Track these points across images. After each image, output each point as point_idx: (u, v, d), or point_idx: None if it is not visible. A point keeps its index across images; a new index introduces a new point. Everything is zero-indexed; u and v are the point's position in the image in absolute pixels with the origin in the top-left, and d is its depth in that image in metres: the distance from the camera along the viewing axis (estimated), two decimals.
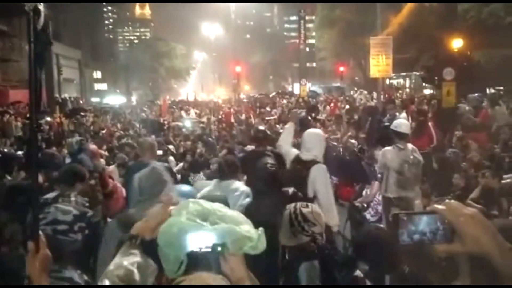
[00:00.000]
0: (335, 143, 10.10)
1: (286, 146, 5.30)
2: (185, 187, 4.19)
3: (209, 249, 1.36)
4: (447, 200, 1.18)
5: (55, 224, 2.43)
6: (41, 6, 1.60)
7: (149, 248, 1.48)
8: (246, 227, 1.43)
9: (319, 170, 4.73)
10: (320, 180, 4.68)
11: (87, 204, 3.42)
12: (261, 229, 1.45)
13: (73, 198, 3.41)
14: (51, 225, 2.42)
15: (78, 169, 4.45)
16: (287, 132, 5.53)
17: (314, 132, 5.24)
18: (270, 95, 39.65)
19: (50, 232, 2.36)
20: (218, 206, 1.47)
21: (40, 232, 1.86)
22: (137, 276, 1.45)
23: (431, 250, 1.15)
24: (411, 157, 6.09)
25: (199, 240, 1.36)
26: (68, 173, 4.36)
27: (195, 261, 1.37)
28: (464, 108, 11.35)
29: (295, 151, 5.15)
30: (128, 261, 1.45)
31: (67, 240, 2.43)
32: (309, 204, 3.49)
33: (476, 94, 12.84)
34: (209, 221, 1.39)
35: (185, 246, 1.36)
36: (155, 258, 1.47)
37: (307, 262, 3.22)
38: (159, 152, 7.63)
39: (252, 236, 1.41)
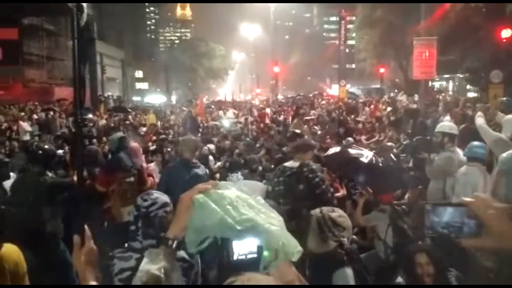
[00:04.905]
0: (373, 147, 9.85)
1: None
2: None
3: (255, 255, 1.32)
4: (475, 194, 1.13)
5: (165, 206, 2.60)
6: (84, 4, 1.61)
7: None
8: (287, 237, 1.39)
9: None
10: None
11: None
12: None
13: None
14: (163, 208, 2.59)
15: None
16: (483, 119, 6.28)
17: None
18: (310, 95, 39.52)
19: (164, 214, 2.54)
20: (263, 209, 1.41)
21: (86, 226, 1.87)
22: (163, 281, 1.43)
23: (458, 244, 1.11)
24: None
25: (242, 245, 1.33)
26: None
27: (238, 264, 1.33)
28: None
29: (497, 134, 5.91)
30: (155, 266, 1.44)
31: (171, 218, 2.60)
32: (334, 208, 3.41)
33: (505, 98, 12.27)
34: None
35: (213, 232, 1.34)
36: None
37: (339, 270, 3.12)
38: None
39: (293, 248, 1.38)
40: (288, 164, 5.11)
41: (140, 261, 1.47)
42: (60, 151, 6.96)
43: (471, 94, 29.08)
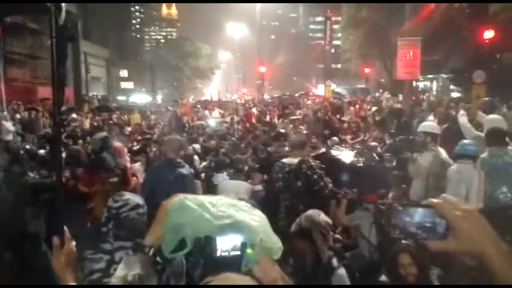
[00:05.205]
0: (358, 147, 9.90)
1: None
2: None
3: (238, 252, 1.31)
4: (443, 195, 1.13)
5: (137, 208, 2.59)
6: (62, 3, 1.60)
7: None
8: (266, 232, 1.37)
9: None
10: None
11: None
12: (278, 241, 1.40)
13: None
14: (135, 209, 2.58)
15: None
16: (466, 118, 7.20)
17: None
18: (296, 94, 39.67)
19: (136, 216, 2.52)
20: (238, 208, 1.40)
21: (66, 227, 1.87)
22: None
23: (426, 246, 1.10)
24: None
25: (224, 241, 1.32)
26: None
27: (221, 262, 1.32)
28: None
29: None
30: (131, 273, 1.41)
31: (144, 220, 2.62)
32: (314, 210, 3.48)
33: (487, 98, 12.41)
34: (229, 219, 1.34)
35: (195, 231, 1.32)
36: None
37: (334, 274, 3.15)
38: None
39: (273, 244, 1.37)
40: (286, 160, 5.15)
41: (111, 263, 1.44)
42: (42, 151, 6.87)
43: (454, 94, 29.41)
